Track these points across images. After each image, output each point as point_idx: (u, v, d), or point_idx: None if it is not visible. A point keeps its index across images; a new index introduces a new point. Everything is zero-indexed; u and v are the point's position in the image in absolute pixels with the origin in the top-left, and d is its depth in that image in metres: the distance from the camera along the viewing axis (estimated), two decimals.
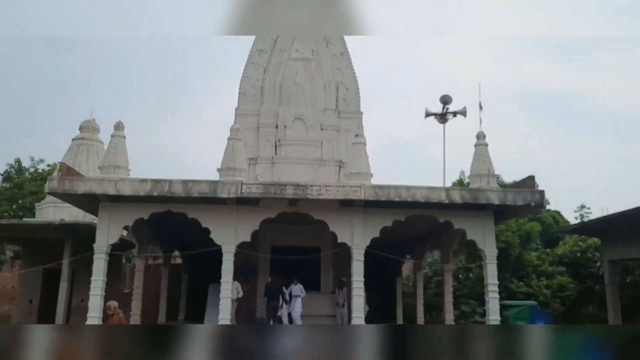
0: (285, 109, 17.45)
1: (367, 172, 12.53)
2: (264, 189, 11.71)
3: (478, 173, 12.71)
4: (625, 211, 13.05)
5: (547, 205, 12.68)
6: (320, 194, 11.65)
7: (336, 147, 17.30)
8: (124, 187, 11.60)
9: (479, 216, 12.65)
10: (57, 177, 11.94)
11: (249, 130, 17.09)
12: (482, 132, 13.16)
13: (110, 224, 12.22)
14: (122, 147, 12.55)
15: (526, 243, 22.95)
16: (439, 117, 22.63)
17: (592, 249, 21.80)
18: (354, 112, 17.79)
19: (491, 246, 12.60)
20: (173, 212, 12.24)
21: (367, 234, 12.30)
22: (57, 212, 17.69)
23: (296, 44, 18.20)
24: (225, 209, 12.27)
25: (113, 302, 10.20)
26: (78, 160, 18.28)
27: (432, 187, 11.98)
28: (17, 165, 29.34)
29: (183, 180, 11.66)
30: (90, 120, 19.66)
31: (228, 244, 12.13)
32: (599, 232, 15.84)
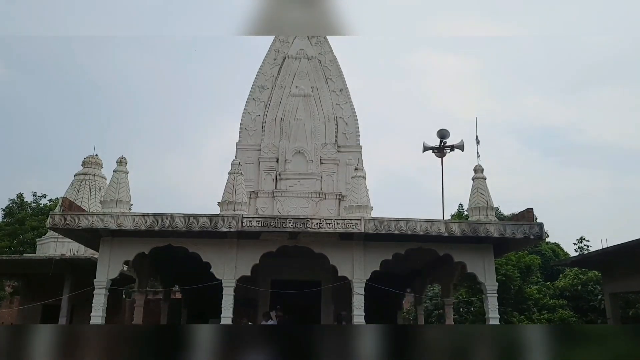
0: (286, 144, 17.72)
1: (367, 205, 12.65)
2: (264, 223, 11.80)
3: (477, 206, 12.83)
4: (624, 243, 13.09)
5: (546, 237, 12.74)
6: (321, 227, 11.73)
7: (336, 181, 17.49)
8: (126, 221, 11.69)
9: (479, 249, 12.70)
10: (58, 212, 12.05)
11: (250, 165, 17.34)
12: (479, 166, 13.35)
13: (111, 259, 12.26)
14: (124, 181, 12.70)
15: (526, 276, 22.86)
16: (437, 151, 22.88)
17: (592, 281, 21.72)
18: (354, 146, 18.07)
19: (491, 279, 12.60)
20: (174, 247, 12.29)
21: (367, 267, 12.32)
22: (57, 247, 17.70)
23: (296, 81, 18.62)
24: (225, 243, 12.34)
25: None
26: (80, 195, 18.41)
27: (431, 220, 12.07)
28: (19, 201, 29.44)
29: (184, 215, 11.76)
30: (93, 155, 19.88)
31: (228, 278, 12.14)
32: (599, 265, 15.85)
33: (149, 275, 16.38)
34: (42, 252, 18.36)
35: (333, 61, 19.33)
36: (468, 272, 13.00)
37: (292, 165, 17.51)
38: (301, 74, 18.78)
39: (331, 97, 18.63)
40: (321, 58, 19.30)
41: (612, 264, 14.89)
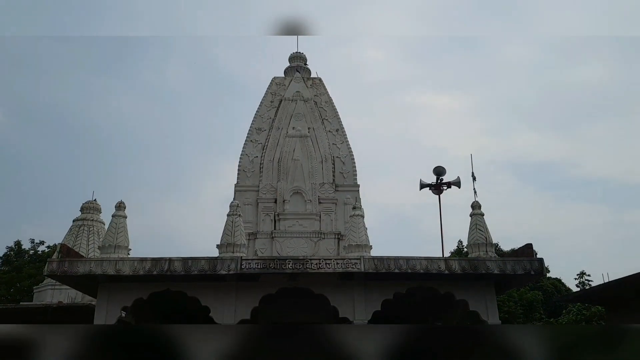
0: (284, 184, 17.82)
1: (366, 244, 12.63)
2: (263, 264, 11.74)
3: (476, 242, 12.81)
4: (626, 277, 13.02)
5: (547, 273, 12.69)
6: (320, 267, 11.68)
7: (334, 220, 17.52)
8: (124, 266, 11.62)
9: (480, 286, 12.61)
10: (56, 259, 11.97)
11: (248, 206, 17.40)
12: (477, 202, 13.41)
13: (109, 305, 12.13)
14: (123, 226, 12.70)
15: (529, 313, 22.62)
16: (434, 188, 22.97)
17: (596, 317, 21.45)
18: (351, 185, 18.19)
19: (494, 317, 12.45)
20: (172, 291, 12.18)
21: (368, 307, 12.19)
22: (55, 295, 17.48)
23: (293, 122, 18.90)
24: (224, 286, 12.24)
25: None
26: (78, 241, 18.31)
27: (431, 257, 12.03)
28: (16, 248, 29.29)
29: (183, 258, 11.71)
30: (91, 200, 19.89)
31: (228, 322, 11.98)
32: (602, 300, 15.68)
33: (147, 321, 16.12)
34: (39, 300, 18.11)
35: (329, 102, 19.68)
36: (470, 310, 12.85)
37: (291, 205, 17.56)
38: (298, 115, 19.08)
39: (328, 137, 18.87)
40: (317, 99, 19.66)
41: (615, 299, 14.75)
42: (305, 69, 20.65)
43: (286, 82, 20.03)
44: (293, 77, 20.06)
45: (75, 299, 16.70)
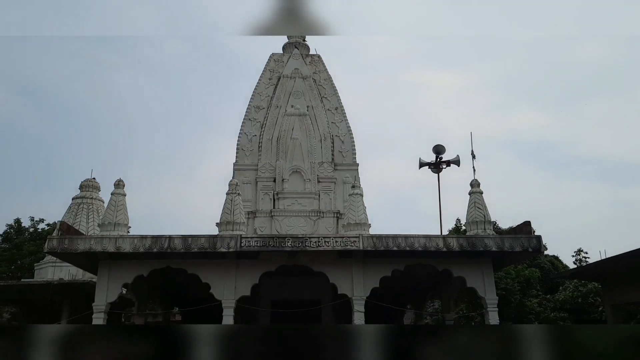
0: (283, 163, 17.81)
1: (364, 222, 12.70)
2: (263, 242, 11.82)
3: (474, 220, 12.89)
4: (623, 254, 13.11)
5: (545, 250, 12.78)
6: (319, 245, 11.77)
7: (333, 199, 17.56)
8: (124, 244, 11.70)
9: (478, 263, 12.73)
10: (56, 236, 12.04)
11: (247, 185, 17.42)
12: (476, 180, 13.45)
13: (109, 282, 12.24)
14: (122, 204, 12.74)
15: (526, 289, 22.84)
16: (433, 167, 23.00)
17: (592, 294, 21.70)
18: (350, 164, 18.17)
19: (491, 293, 12.60)
20: (173, 268, 12.29)
21: (367, 284, 12.33)
22: (56, 272, 17.62)
23: (292, 100, 18.78)
24: (224, 264, 12.34)
25: None
26: (78, 219, 18.38)
27: (429, 235, 12.11)
28: (16, 226, 29.38)
29: (182, 236, 11.78)
30: (90, 178, 19.89)
31: (228, 298, 12.12)
32: (599, 276, 15.83)
33: (148, 298, 16.31)
34: (40, 277, 18.26)
35: (328, 80, 19.53)
36: (468, 287, 13.01)
37: (290, 184, 17.58)
38: (296, 93, 18.95)
39: (327, 116, 18.79)
40: (316, 77, 19.50)
41: (611, 275, 14.89)
42: (304, 45, 20.35)
43: (284, 58, 19.81)
44: (291, 54, 19.82)
45: (76, 276, 16.84)
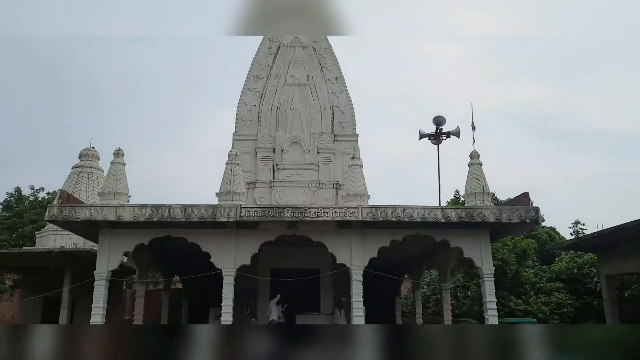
0: (282, 134, 17.74)
1: (364, 193, 12.74)
2: (262, 212, 11.89)
3: (473, 192, 12.93)
4: (619, 226, 13.24)
5: (542, 222, 12.87)
6: (318, 216, 11.83)
7: (333, 170, 17.56)
8: (124, 213, 11.75)
9: (475, 234, 12.84)
10: (57, 205, 12.09)
11: (247, 155, 17.38)
12: (475, 152, 13.44)
13: (110, 250, 12.35)
14: (122, 173, 12.74)
15: (522, 260, 23.08)
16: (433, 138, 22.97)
17: (588, 264, 21.95)
18: (350, 135, 18.11)
19: (488, 264, 12.75)
20: (173, 237, 12.38)
21: (365, 254, 12.46)
22: (57, 240, 17.77)
23: (292, 70, 18.58)
24: (224, 233, 12.44)
25: None
26: (78, 187, 18.43)
27: (428, 206, 12.18)
28: (16, 194, 29.44)
29: (182, 205, 11.82)
30: (89, 147, 19.87)
31: (228, 267, 12.26)
32: (595, 248, 16.01)
33: (149, 266, 16.49)
34: (41, 245, 18.43)
35: (328, 49, 19.28)
36: (465, 258, 13.16)
37: (289, 155, 17.56)
38: (296, 63, 18.74)
39: (327, 86, 18.63)
40: (316, 46, 19.25)
41: (607, 247, 15.04)
42: None
43: None
44: None
45: (77, 244, 17.00)
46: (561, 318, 20.90)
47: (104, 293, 12.10)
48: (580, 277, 22.09)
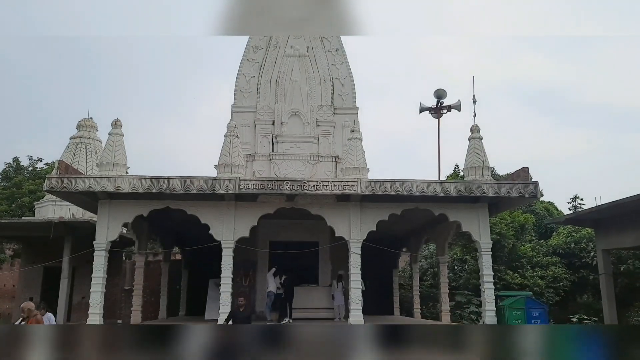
0: (282, 106, 17.60)
1: (363, 167, 12.71)
2: (261, 185, 11.87)
3: (472, 166, 12.90)
4: (617, 201, 13.23)
5: (541, 196, 12.86)
6: (318, 189, 11.82)
7: (332, 143, 17.48)
8: (123, 184, 11.73)
9: (474, 208, 12.87)
10: (55, 175, 12.07)
11: (246, 127, 17.26)
12: (476, 126, 13.36)
13: (109, 221, 12.38)
14: (120, 144, 12.68)
15: (520, 234, 23.20)
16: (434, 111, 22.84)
17: (585, 239, 22.07)
18: (350, 108, 17.96)
19: (486, 238, 12.81)
20: (172, 209, 12.39)
21: (364, 227, 12.51)
22: (56, 211, 17.81)
23: (291, 41, 18.31)
24: (223, 205, 12.45)
25: (28, 304, 9.22)
26: (76, 158, 18.37)
27: (427, 180, 12.16)
28: (15, 164, 29.39)
29: (181, 177, 11.80)
30: (87, 118, 19.73)
31: (227, 239, 12.31)
32: (593, 223, 16.02)
33: (148, 237, 16.57)
34: (40, 215, 18.48)
35: None
36: (463, 231, 13.22)
37: (288, 127, 17.44)
38: None
39: (327, 57, 18.38)
40: None
41: (605, 221, 15.07)
42: None
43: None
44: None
45: (76, 215, 17.03)
46: (556, 292, 21.13)
47: (103, 263, 12.18)
48: (577, 252, 22.24)
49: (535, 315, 12.39)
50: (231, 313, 10.51)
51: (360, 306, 12.40)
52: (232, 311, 10.67)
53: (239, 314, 10.26)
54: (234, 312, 10.43)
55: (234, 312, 10.41)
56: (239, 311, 10.31)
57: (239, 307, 10.34)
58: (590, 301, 20.61)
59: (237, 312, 10.33)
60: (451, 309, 16.91)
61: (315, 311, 15.37)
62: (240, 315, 10.24)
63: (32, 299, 17.87)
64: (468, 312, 19.30)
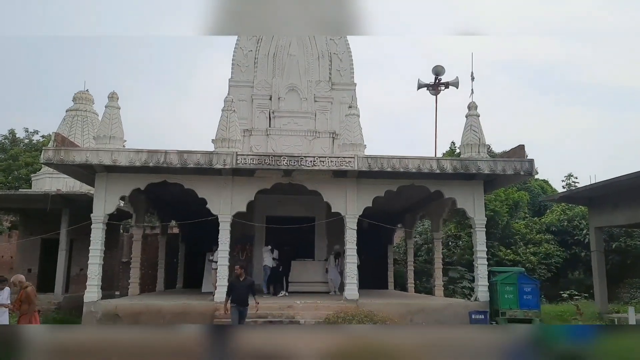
0: (279, 80, 17.51)
1: (360, 143, 12.76)
2: (258, 160, 11.92)
3: (469, 143, 12.97)
4: (612, 179, 13.36)
5: (536, 174, 12.99)
6: (314, 165, 11.89)
7: (330, 119, 17.46)
8: (120, 157, 11.76)
9: (469, 185, 12.99)
10: (52, 148, 12.08)
11: (243, 102, 17.20)
12: (473, 103, 13.38)
13: (107, 194, 12.44)
14: (117, 117, 12.66)
15: (514, 212, 23.40)
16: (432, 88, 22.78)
17: (579, 217, 22.30)
18: (348, 84, 17.88)
19: (480, 214, 12.97)
20: (169, 183, 12.45)
21: (360, 203, 12.62)
22: (53, 183, 17.80)
23: None
24: (221, 180, 12.51)
25: (18, 277, 9.43)
26: (73, 131, 18.29)
27: (423, 157, 12.25)
28: (11, 137, 29.26)
29: (178, 151, 11.83)
30: (83, 91, 19.58)
31: (224, 214, 12.41)
32: (586, 200, 16.17)
33: (146, 211, 16.66)
34: (37, 187, 18.48)
35: None
36: (458, 208, 13.37)
37: (286, 103, 17.39)
38: None
39: None
40: None
41: (599, 199, 15.23)
42: None
43: None
44: None
45: (73, 187, 17.05)
46: (548, 268, 21.43)
47: (101, 236, 12.29)
48: (570, 229, 22.49)
49: (527, 290, 12.56)
50: (231, 284, 10.10)
51: (355, 280, 12.60)
52: (231, 282, 10.24)
53: (239, 284, 9.81)
54: (233, 282, 10.01)
55: (233, 283, 9.98)
56: (239, 281, 9.85)
57: (238, 277, 9.88)
58: (582, 278, 20.92)
59: (236, 283, 9.88)
60: (444, 284, 17.18)
61: (310, 285, 15.60)
62: (240, 285, 9.79)
63: (30, 270, 18.06)
64: (461, 287, 19.59)
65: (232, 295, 9.81)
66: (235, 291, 9.79)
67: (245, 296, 9.80)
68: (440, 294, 16.01)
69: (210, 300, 12.38)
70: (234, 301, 9.78)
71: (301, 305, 12.21)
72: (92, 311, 11.87)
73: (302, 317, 11.75)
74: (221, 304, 10.74)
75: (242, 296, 9.76)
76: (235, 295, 9.76)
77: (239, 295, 9.74)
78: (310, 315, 11.73)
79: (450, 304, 13.32)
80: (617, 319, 13.18)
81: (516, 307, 12.45)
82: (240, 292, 9.75)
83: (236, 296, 9.75)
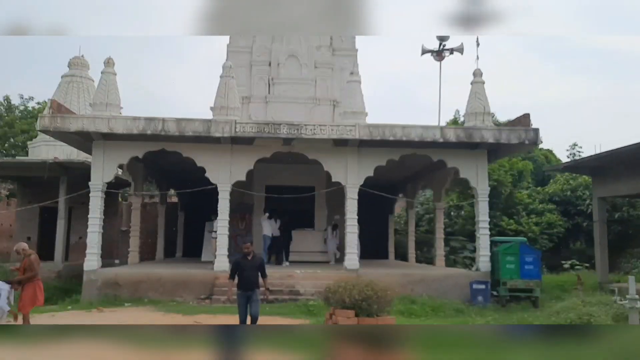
0: (279, 46, 17.05)
1: (361, 111, 12.48)
2: (258, 128, 11.68)
3: (473, 111, 12.68)
4: (616, 149, 13.15)
5: (541, 143, 12.76)
6: (315, 133, 11.66)
7: (330, 86, 17.06)
8: (117, 125, 11.54)
9: (473, 155, 12.76)
10: (48, 115, 11.83)
11: (242, 68, 16.75)
12: (479, 70, 13.04)
13: (104, 162, 12.27)
14: (113, 84, 12.37)
15: (518, 181, 23.22)
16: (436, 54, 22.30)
17: (582, 187, 22.13)
18: (349, 49, 17.41)
19: (483, 184, 12.79)
20: (167, 151, 12.26)
21: (361, 173, 12.43)
22: (50, 151, 17.58)
23: None
24: (219, 148, 12.29)
25: (22, 244, 9.18)
26: (68, 97, 17.96)
27: (426, 126, 12.00)
28: (6, 103, 28.84)
29: (176, 119, 11.60)
30: (79, 56, 19.17)
31: (223, 182, 12.24)
32: (590, 170, 15.99)
33: (144, 179, 16.50)
34: (34, 155, 18.26)
35: None
36: (460, 178, 13.18)
37: (285, 69, 16.96)
38: None
39: None
40: None
41: (603, 169, 15.04)
42: None
43: None
44: None
45: (71, 155, 16.82)
46: (550, 238, 21.38)
47: (100, 204, 12.17)
48: (573, 199, 22.34)
49: (528, 260, 12.50)
50: (236, 264, 7.79)
51: (355, 250, 12.52)
52: (236, 261, 7.86)
53: (247, 263, 7.66)
54: (239, 262, 7.75)
55: (239, 262, 7.73)
56: (247, 259, 7.67)
57: (246, 255, 7.69)
58: (584, 248, 20.87)
59: (242, 262, 7.69)
60: (446, 254, 17.13)
61: (310, 254, 15.57)
62: (248, 265, 7.66)
63: (30, 238, 17.99)
64: (462, 257, 19.58)
65: (239, 278, 7.65)
66: (242, 273, 7.64)
67: (255, 278, 7.66)
68: (441, 264, 15.96)
69: (210, 269, 12.32)
70: (240, 286, 7.62)
71: (301, 275, 12.17)
72: (92, 279, 11.84)
73: (303, 287, 11.71)
74: (221, 272, 10.64)
75: (251, 279, 7.63)
76: (242, 278, 7.62)
77: (246, 278, 7.61)
78: (310, 285, 11.69)
79: (451, 274, 13.26)
80: (617, 288, 13.15)
81: (517, 277, 12.37)
82: (248, 274, 7.62)
83: (243, 279, 7.62)
